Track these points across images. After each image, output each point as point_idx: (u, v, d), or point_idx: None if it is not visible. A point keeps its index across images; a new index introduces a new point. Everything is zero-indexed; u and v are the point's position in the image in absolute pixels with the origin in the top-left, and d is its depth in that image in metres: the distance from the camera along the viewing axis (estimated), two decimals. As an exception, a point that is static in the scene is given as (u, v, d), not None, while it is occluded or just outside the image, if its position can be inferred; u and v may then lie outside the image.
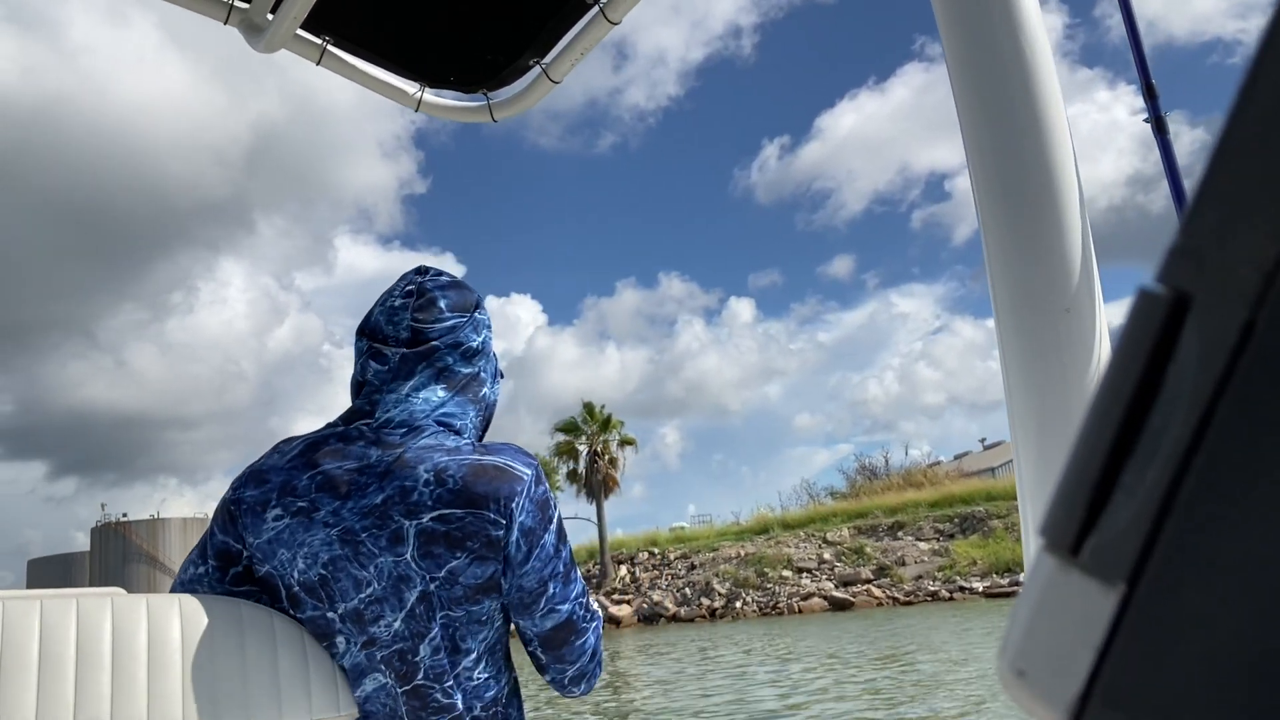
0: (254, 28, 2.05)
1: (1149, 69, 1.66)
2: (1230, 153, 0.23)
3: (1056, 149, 1.19)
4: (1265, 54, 0.23)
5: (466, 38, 2.21)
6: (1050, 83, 1.20)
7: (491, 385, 1.59)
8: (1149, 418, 0.24)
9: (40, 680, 1.21)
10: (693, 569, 33.21)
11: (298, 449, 1.47)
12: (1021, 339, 1.20)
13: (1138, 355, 0.24)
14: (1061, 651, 0.24)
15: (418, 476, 1.38)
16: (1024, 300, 1.20)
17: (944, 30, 1.25)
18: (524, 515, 1.39)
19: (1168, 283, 0.24)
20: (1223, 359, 0.22)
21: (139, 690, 1.26)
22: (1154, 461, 0.23)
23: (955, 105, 1.26)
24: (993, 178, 1.22)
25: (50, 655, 1.23)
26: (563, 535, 1.48)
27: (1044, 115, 1.19)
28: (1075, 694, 0.23)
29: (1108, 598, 0.23)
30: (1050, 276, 1.18)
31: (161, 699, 1.27)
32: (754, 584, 31.18)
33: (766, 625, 26.33)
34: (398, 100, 2.31)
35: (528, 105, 2.31)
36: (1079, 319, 1.17)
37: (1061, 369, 1.18)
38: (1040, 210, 1.18)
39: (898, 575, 29.97)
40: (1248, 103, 0.23)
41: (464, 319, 1.53)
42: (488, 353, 1.58)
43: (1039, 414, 1.20)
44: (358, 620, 1.40)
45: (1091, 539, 0.24)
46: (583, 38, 2.10)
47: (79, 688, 1.23)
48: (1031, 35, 1.20)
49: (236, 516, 1.45)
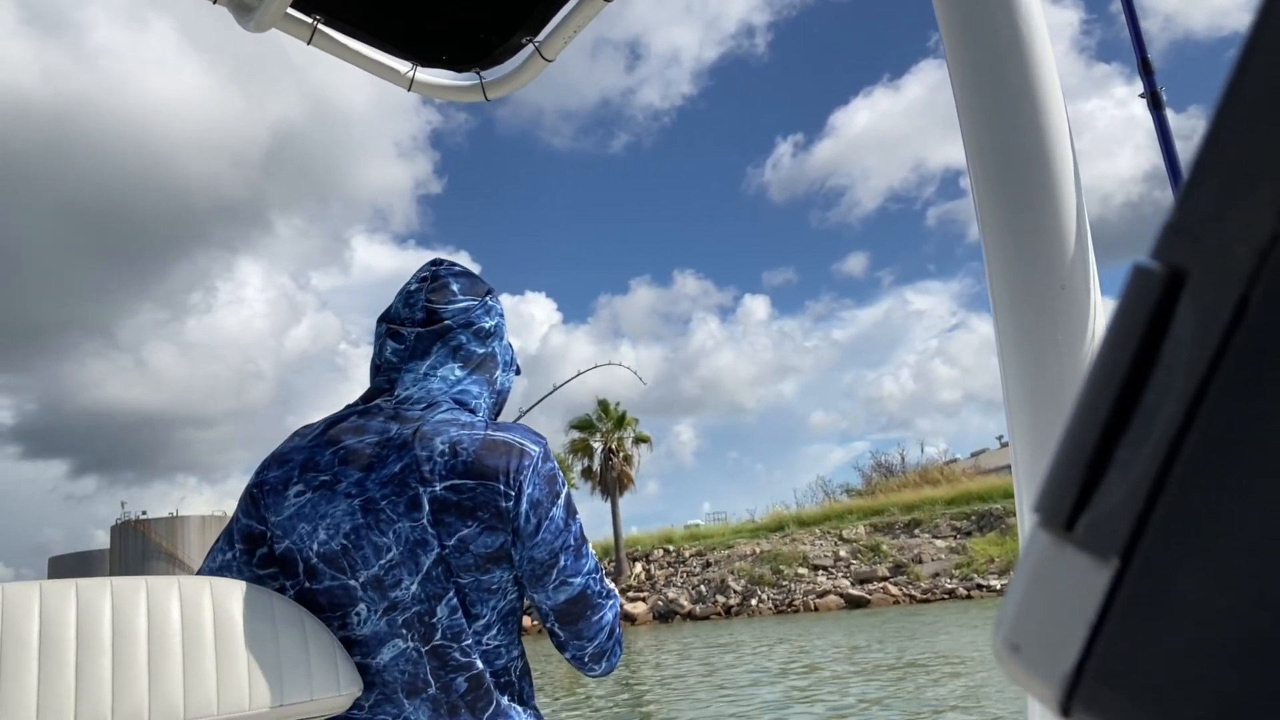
0: (244, 7, 2.03)
1: (1145, 45, 1.65)
2: (1225, 130, 0.23)
3: (1052, 127, 1.19)
4: (1259, 32, 0.23)
5: (459, 16, 2.20)
6: (1047, 61, 1.20)
7: (504, 372, 1.64)
8: (1143, 394, 0.24)
9: (40, 665, 1.22)
10: (708, 566, 33.22)
11: (318, 429, 1.53)
12: (1016, 316, 1.20)
13: (1132, 332, 0.24)
14: (1055, 627, 0.24)
15: (433, 447, 1.43)
16: (1019, 277, 1.20)
17: (939, 7, 1.25)
18: (532, 488, 1.43)
19: (1163, 259, 0.24)
20: (1217, 335, 0.22)
21: (139, 672, 1.27)
22: (1148, 438, 0.23)
23: (951, 83, 1.25)
24: (988, 155, 1.21)
25: (50, 639, 1.24)
26: (572, 510, 1.49)
27: (1040, 95, 1.19)
28: (1068, 669, 0.23)
29: (1101, 574, 0.23)
30: (1045, 254, 1.17)
31: (162, 681, 1.28)
32: (769, 581, 31.19)
33: (780, 622, 26.42)
34: (390, 79, 2.29)
35: (521, 84, 2.29)
36: (1074, 296, 1.17)
37: (1056, 346, 1.18)
38: (1035, 188, 1.18)
39: (914, 573, 29.95)
40: (1242, 80, 0.23)
41: (476, 301, 1.60)
42: (500, 336, 1.63)
43: (1034, 391, 1.20)
44: (378, 586, 1.43)
45: (1085, 515, 0.24)
46: (576, 15, 2.08)
47: (79, 672, 1.23)
48: (1027, 14, 1.20)
49: (259, 499, 1.50)
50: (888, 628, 21.00)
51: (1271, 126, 0.22)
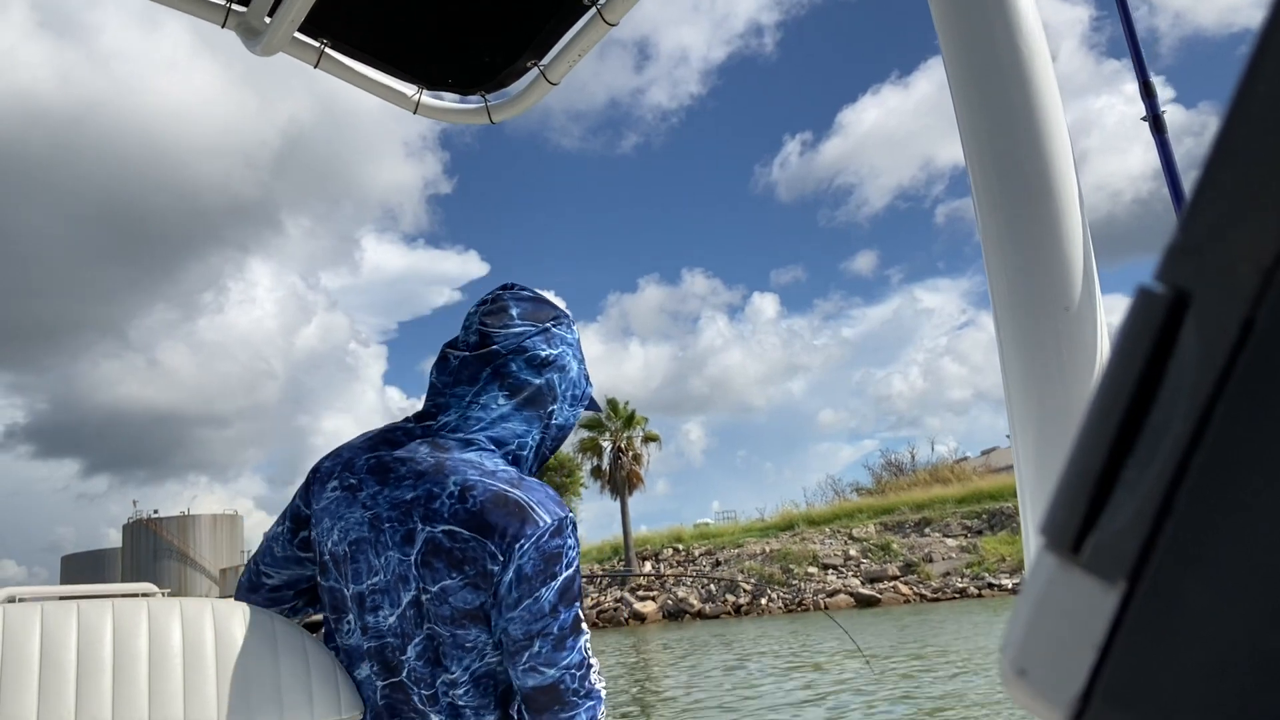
0: (251, 31, 2.04)
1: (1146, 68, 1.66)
2: (1229, 150, 0.23)
3: (1054, 147, 1.19)
4: (1264, 49, 0.23)
5: (464, 40, 2.21)
6: (1048, 80, 1.20)
7: (567, 406, 1.54)
8: (1149, 416, 0.24)
9: (41, 684, 1.21)
10: (717, 565, 33.05)
11: (372, 434, 1.54)
12: (1021, 337, 1.20)
13: (1137, 353, 0.24)
14: (1063, 650, 0.24)
15: (445, 486, 1.38)
16: (1023, 299, 1.20)
17: (940, 29, 1.25)
18: (525, 559, 1.34)
19: (1167, 281, 0.24)
20: (1222, 356, 0.22)
21: (139, 692, 1.26)
22: (1154, 459, 0.23)
23: (953, 104, 1.26)
24: (991, 176, 1.22)
25: (51, 660, 1.23)
26: (569, 597, 1.37)
27: (1041, 114, 1.19)
28: (1076, 693, 0.23)
29: (1109, 596, 0.23)
30: (1049, 275, 1.18)
31: (162, 701, 1.27)
32: (780, 580, 31.01)
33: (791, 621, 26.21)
34: (396, 103, 2.31)
35: (526, 106, 2.31)
36: (1078, 317, 1.17)
37: (1061, 367, 1.17)
38: (1039, 209, 1.18)
39: (925, 572, 29.77)
40: (1246, 99, 0.23)
41: (534, 328, 1.50)
42: (563, 368, 1.52)
43: (1039, 413, 1.19)
44: (360, 604, 1.42)
45: (1092, 537, 0.24)
46: (580, 39, 2.10)
47: (79, 691, 1.23)
48: (1029, 35, 1.20)
49: (311, 483, 1.53)
50: (899, 625, 20.82)
51: (1275, 147, 0.22)
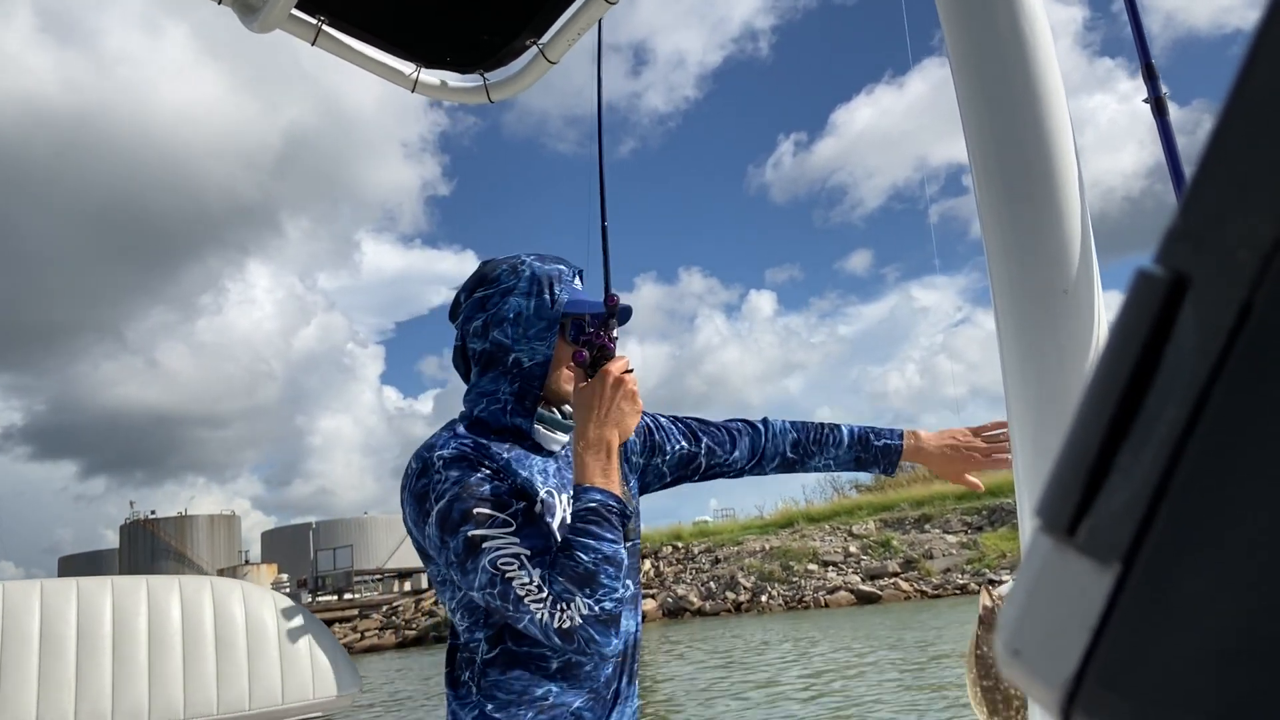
0: (248, 7, 2.03)
1: (1149, 49, 1.65)
2: (1228, 135, 0.23)
3: (1055, 129, 1.19)
4: (1263, 36, 0.23)
5: (463, 18, 2.20)
6: (1049, 63, 1.20)
7: (527, 344, 1.55)
8: (1146, 399, 0.24)
9: (41, 662, 1.22)
10: (717, 563, 33.12)
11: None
12: (1019, 320, 1.20)
13: (1135, 337, 0.24)
14: (1057, 631, 0.24)
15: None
16: (1021, 281, 1.19)
17: (943, 9, 1.24)
18: (407, 508, 1.48)
19: (1166, 264, 0.24)
20: (1220, 340, 0.22)
21: (139, 670, 1.27)
22: (1150, 443, 0.23)
23: (954, 85, 1.25)
24: (991, 158, 1.21)
25: (51, 637, 1.24)
26: (449, 525, 1.38)
27: (1043, 96, 1.19)
28: (1070, 674, 0.23)
29: (1103, 578, 0.23)
30: (1048, 258, 1.17)
31: (162, 679, 1.28)
32: (780, 578, 31.12)
33: (794, 619, 26.37)
34: (393, 81, 2.29)
35: (525, 86, 2.29)
36: (1077, 300, 1.17)
37: (1059, 350, 1.17)
38: (1039, 191, 1.18)
39: (926, 568, 29.88)
40: (1246, 85, 0.23)
41: (470, 301, 1.62)
42: (502, 319, 1.56)
43: (1036, 395, 1.20)
44: None
45: (1088, 520, 0.24)
46: (580, 17, 2.08)
47: (79, 669, 1.23)
48: (1031, 15, 1.20)
49: None
50: (899, 622, 20.95)
51: (1274, 132, 0.22)
